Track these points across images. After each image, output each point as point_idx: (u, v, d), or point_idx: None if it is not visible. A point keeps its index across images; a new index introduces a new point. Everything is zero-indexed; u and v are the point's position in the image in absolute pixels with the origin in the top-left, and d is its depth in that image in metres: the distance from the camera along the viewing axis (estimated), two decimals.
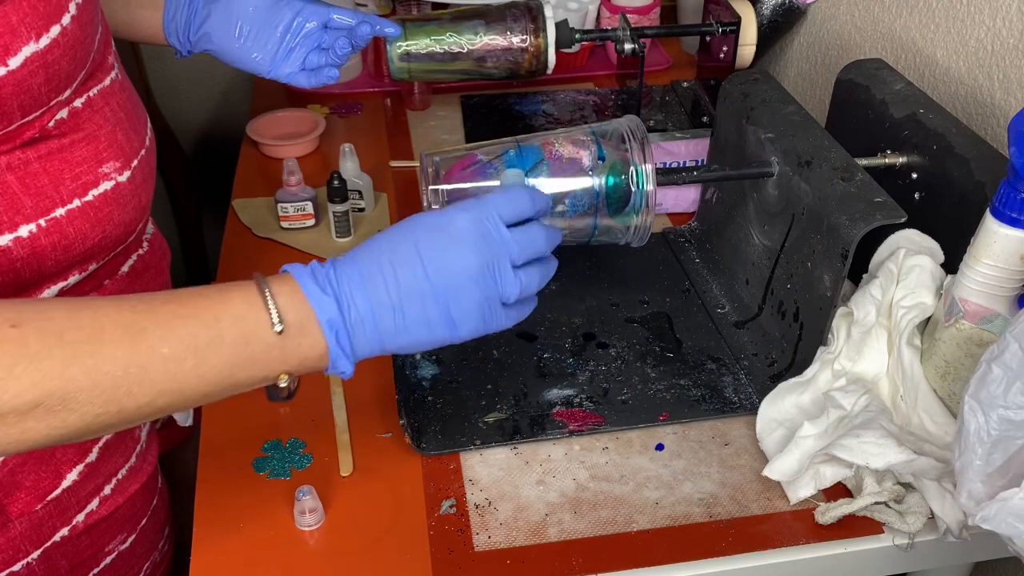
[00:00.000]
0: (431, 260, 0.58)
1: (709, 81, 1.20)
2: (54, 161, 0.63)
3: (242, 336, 0.54)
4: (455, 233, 0.58)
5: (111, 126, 0.67)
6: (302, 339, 0.56)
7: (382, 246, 0.59)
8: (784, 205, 0.83)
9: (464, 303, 0.58)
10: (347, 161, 1.06)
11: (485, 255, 0.59)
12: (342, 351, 0.57)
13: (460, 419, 0.78)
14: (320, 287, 0.57)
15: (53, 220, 0.63)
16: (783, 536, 0.69)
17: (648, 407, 0.80)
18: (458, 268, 0.58)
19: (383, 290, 0.57)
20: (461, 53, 1.04)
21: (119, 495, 0.75)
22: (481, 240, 0.59)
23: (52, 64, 0.58)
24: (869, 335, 0.75)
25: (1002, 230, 0.64)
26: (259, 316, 0.55)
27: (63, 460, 0.70)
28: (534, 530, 0.69)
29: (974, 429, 0.55)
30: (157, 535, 0.83)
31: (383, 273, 0.57)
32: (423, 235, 0.58)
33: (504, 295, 0.60)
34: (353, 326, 0.57)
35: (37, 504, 0.69)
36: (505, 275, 0.59)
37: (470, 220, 0.59)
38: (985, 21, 0.85)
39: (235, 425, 0.78)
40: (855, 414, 0.70)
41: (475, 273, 0.58)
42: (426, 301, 0.58)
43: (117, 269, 0.73)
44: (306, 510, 0.69)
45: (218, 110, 1.84)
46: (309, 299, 0.56)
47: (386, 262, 0.58)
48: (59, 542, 0.71)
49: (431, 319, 0.58)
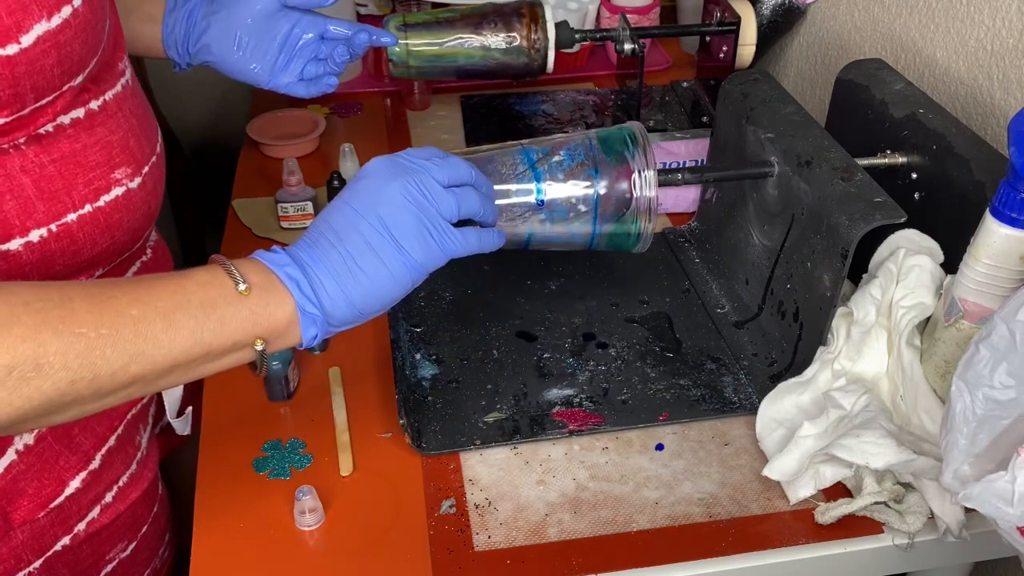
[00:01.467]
0: (356, 198, 0.61)
1: (709, 81, 1.20)
2: (68, 164, 0.63)
3: (208, 299, 0.56)
4: (370, 171, 0.62)
5: (124, 131, 0.67)
6: (268, 298, 0.58)
7: (318, 217, 0.63)
8: (784, 205, 0.83)
9: (401, 223, 0.60)
10: (347, 161, 1.06)
11: (402, 176, 0.61)
12: (309, 301, 0.59)
13: (460, 419, 0.78)
14: (275, 252, 0.60)
15: (64, 225, 0.63)
16: (783, 536, 0.69)
17: (648, 407, 0.80)
18: (379, 194, 0.61)
19: (327, 243, 0.60)
20: (461, 52, 1.04)
21: (120, 503, 0.75)
22: (394, 167, 0.62)
23: (64, 45, 0.58)
24: (869, 335, 0.75)
25: (1002, 230, 0.64)
26: (222, 280, 0.57)
27: (66, 467, 0.70)
28: (534, 530, 0.69)
29: (960, 409, 0.55)
30: (158, 542, 0.83)
31: (324, 233, 0.61)
32: (351, 185, 0.63)
33: (442, 211, 0.62)
34: (314, 281, 0.59)
35: (40, 512, 0.69)
36: (433, 191, 0.62)
37: (382, 160, 0.63)
38: (985, 21, 0.85)
39: (235, 425, 0.78)
40: (855, 414, 0.70)
41: (397, 193, 0.61)
42: (362, 231, 0.60)
43: (122, 275, 0.73)
44: (306, 510, 0.69)
45: (218, 110, 1.85)
46: (268, 263, 0.59)
47: (324, 224, 0.61)
48: (60, 551, 0.71)
49: (376, 247, 0.60)
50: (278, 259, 0.60)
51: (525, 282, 0.95)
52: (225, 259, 0.59)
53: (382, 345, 0.86)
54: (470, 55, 1.04)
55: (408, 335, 0.88)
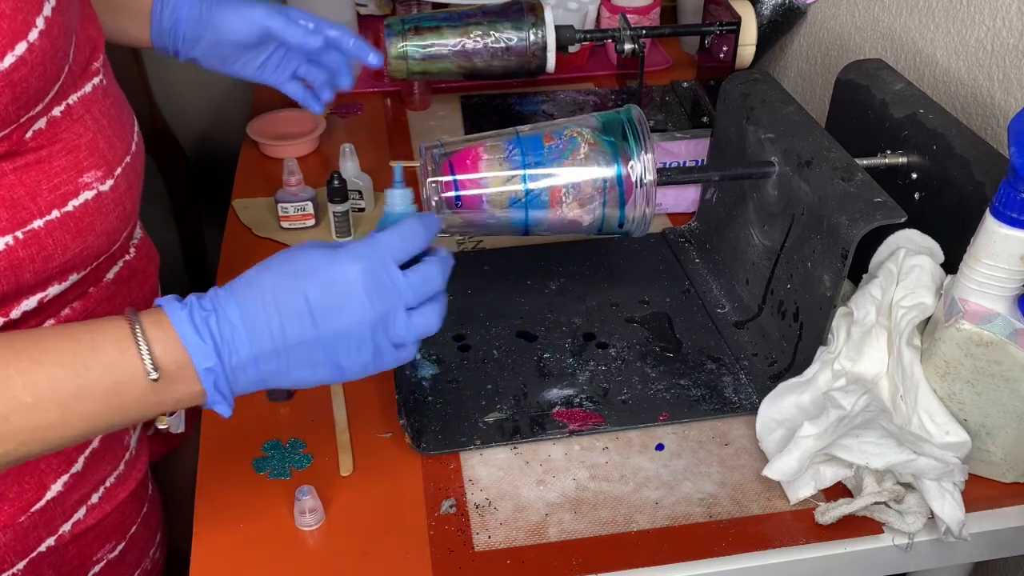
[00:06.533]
0: (322, 314, 0.56)
1: (709, 81, 1.20)
2: (31, 172, 0.60)
3: (114, 385, 0.53)
4: (347, 287, 0.56)
5: (92, 134, 0.65)
6: (178, 385, 0.55)
7: (266, 290, 0.56)
8: (784, 205, 0.83)
9: (354, 354, 0.57)
10: (347, 161, 1.06)
11: (379, 307, 0.57)
12: (220, 395, 0.56)
13: (460, 419, 0.78)
14: (198, 332, 0.54)
15: (31, 232, 0.60)
16: (783, 536, 0.69)
17: (648, 407, 0.80)
18: (350, 323, 0.56)
19: (268, 338, 0.55)
20: (461, 52, 1.04)
21: (107, 503, 0.74)
22: (375, 291, 0.56)
23: (19, 83, 0.55)
24: (869, 335, 0.75)
25: (1002, 230, 0.64)
26: (133, 364, 0.53)
27: (47, 471, 0.68)
28: (534, 530, 0.69)
29: None
30: (148, 542, 0.81)
31: (269, 321, 0.55)
32: (313, 286, 0.56)
33: (397, 341, 0.59)
34: (233, 371, 0.55)
35: (21, 516, 0.67)
36: (399, 322, 0.58)
37: (363, 271, 0.56)
38: (985, 21, 0.85)
39: (235, 425, 0.78)
40: (855, 414, 0.70)
41: (368, 328, 0.57)
42: (312, 350, 0.56)
43: (102, 276, 0.71)
44: (306, 510, 0.69)
45: (218, 110, 1.84)
46: (186, 345, 0.54)
47: (272, 310, 0.56)
48: (45, 552, 0.70)
49: (317, 364, 0.57)
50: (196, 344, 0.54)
51: (525, 282, 0.95)
52: (140, 327, 0.54)
53: None
54: (470, 55, 1.04)
55: None
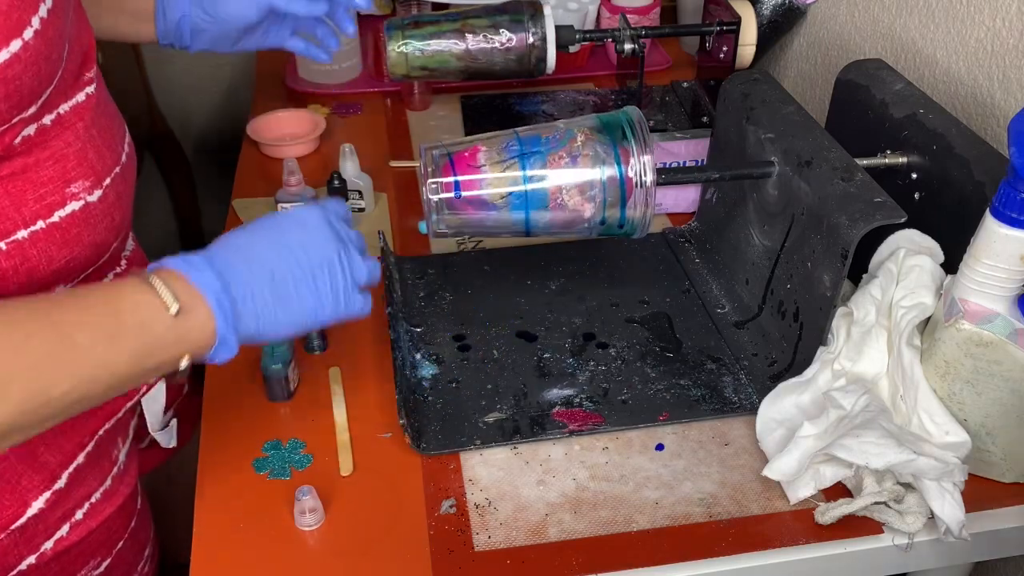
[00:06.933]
0: (300, 246, 0.64)
1: (709, 81, 1.20)
2: (16, 182, 0.60)
3: (141, 323, 0.56)
4: (316, 224, 0.66)
5: (81, 143, 0.64)
6: (193, 319, 0.58)
7: (254, 241, 0.64)
8: (784, 205, 0.83)
9: (328, 283, 0.65)
10: (347, 161, 1.06)
11: (339, 245, 0.66)
12: (228, 327, 0.59)
13: (460, 419, 0.78)
14: (199, 271, 0.59)
15: (14, 242, 0.60)
16: (783, 536, 0.69)
17: (648, 407, 0.80)
18: (324, 251, 0.65)
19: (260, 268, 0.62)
20: (461, 53, 1.04)
21: (92, 519, 0.73)
22: (335, 230, 0.67)
23: (12, 80, 0.55)
24: (869, 335, 0.75)
25: (1002, 230, 0.64)
26: (151, 300, 0.57)
27: (28, 488, 0.67)
28: (534, 530, 0.69)
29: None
30: (136, 557, 0.80)
31: (259, 260, 0.62)
32: (289, 227, 0.65)
33: (358, 279, 0.67)
34: (234, 302, 0.60)
35: (0, 534, 0.66)
36: (355, 259, 0.67)
37: (323, 215, 0.67)
38: (985, 21, 0.85)
39: (235, 425, 0.78)
40: (855, 414, 0.70)
41: (334, 258, 0.65)
42: (298, 281, 0.63)
43: None
44: (306, 510, 0.69)
45: (218, 110, 1.84)
46: (194, 282, 0.58)
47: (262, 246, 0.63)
48: (25, 570, 0.68)
49: (303, 296, 0.63)
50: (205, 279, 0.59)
51: (525, 282, 0.95)
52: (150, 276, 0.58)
53: (382, 345, 0.86)
54: (470, 56, 1.04)
55: (408, 335, 0.88)
